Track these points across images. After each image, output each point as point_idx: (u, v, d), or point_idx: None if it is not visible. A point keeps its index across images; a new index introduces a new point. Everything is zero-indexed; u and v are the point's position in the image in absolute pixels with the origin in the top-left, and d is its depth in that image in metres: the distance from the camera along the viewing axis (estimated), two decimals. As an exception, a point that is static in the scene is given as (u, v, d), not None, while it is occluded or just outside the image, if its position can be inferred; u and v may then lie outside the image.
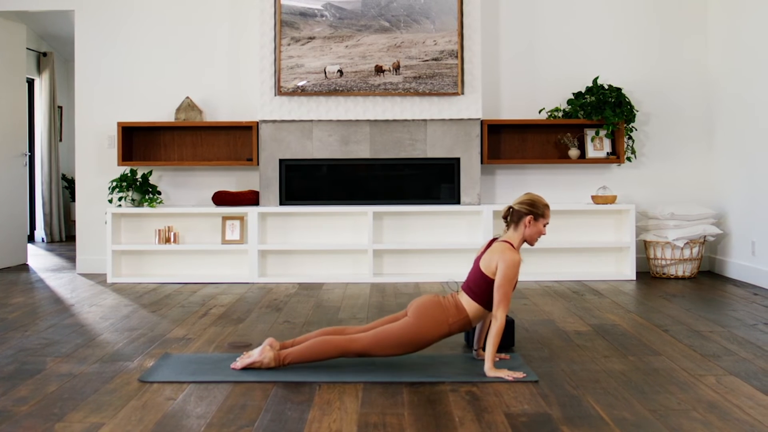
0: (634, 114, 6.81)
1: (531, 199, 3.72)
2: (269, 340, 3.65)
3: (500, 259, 3.60)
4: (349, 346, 3.58)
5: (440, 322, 3.61)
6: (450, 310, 3.64)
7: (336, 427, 2.86)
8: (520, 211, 3.69)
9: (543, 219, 3.71)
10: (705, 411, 3.03)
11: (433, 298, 3.69)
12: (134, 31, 7.16)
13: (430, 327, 3.59)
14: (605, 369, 3.66)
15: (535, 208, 3.69)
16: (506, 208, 3.75)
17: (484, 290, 3.63)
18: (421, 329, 3.58)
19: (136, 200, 6.86)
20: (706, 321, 4.77)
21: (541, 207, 3.71)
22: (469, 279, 3.74)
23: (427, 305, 3.64)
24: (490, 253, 3.67)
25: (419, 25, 6.62)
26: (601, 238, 6.88)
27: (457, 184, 6.75)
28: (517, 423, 2.90)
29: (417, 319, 3.60)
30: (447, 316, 3.62)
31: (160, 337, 4.41)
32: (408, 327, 3.59)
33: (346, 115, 6.69)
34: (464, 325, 3.67)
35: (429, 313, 3.62)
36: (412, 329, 3.58)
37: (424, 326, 3.59)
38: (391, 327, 3.62)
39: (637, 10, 7.12)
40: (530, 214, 3.68)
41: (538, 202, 3.71)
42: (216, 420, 2.94)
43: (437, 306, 3.64)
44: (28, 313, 5.15)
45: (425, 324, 3.59)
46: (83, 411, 3.06)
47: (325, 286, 6.33)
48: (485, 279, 3.63)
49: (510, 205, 3.74)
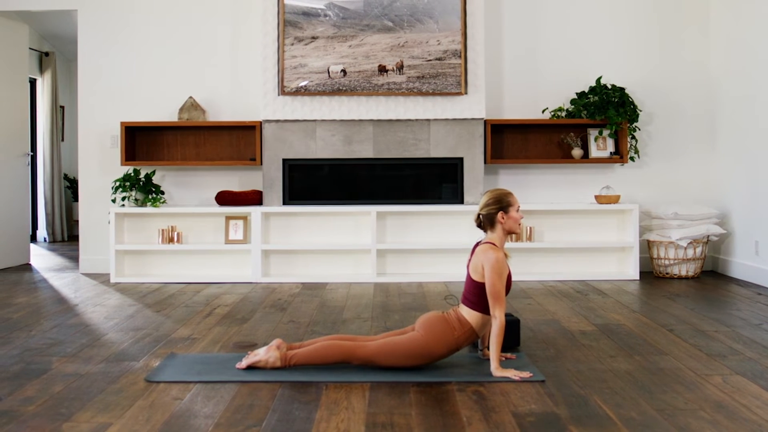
0: (637, 114, 6.81)
1: (492, 196, 3.73)
2: (277, 341, 3.65)
3: (484, 261, 3.62)
4: (356, 352, 3.59)
5: (447, 336, 3.62)
6: (454, 324, 3.65)
7: (344, 426, 2.86)
8: (489, 213, 3.70)
9: (512, 207, 3.71)
10: (712, 410, 3.03)
11: (438, 314, 3.71)
12: (137, 31, 7.15)
13: (437, 341, 3.60)
14: (611, 369, 3.66)
15: (500, 203, 3.70)
16: (475, 216, 3.76)
17: (479, 296, 3.64)
18: (429, 343, 3.60)
19: (139, 200, 6.86)
20: (710, 321, 4.77)
21: (505, 199, 3.71)
22: (465, 290, 3.76)
23: (433, 320, 3.66)
24: (475, 258, 3.69)
25: (423, 25, 6.61)
26: (605, 237, 6.88)
27: (460, 184, 6.74)
28: (525, 423, 2.89)
29: (425, 332, 3.62)
30: (452, 330, 3.64)
31: (164, 336, 4.41)
32: (416, 340, 3.61)
33: (349, 114, 6.69)
34: (470, 336, 3.68)
35: (435, 328, 3.63)
36: (421, 342, 3.60)
37: (432, 340, 3.60)
38: (399, 338, 3.64)
39: (639, 10, 7.12)
40: (499, 211, 3.69)
41: (500, 196, 3.72)
42: (224, 420, 2.94)
43: (442, 321, 3.66)
44: (32, 313, 5.15)
45: (433, 338, 3.60)
46: (90, 411, 3.06)
47: (328, 286, 6.33)
48: (477, 285, 3.65)
49: (477, 213, 3.74)
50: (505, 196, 3.72)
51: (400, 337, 3.65)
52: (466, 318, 3.67)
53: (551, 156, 7.02)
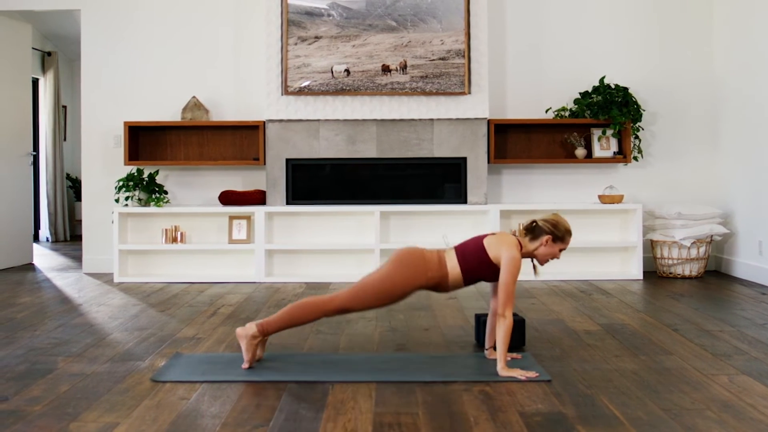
0: (640, 113, 6.81)
1: (556, 220, 3.69)
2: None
3: (506, 253, 3.57)
4: (328, 305, 3.58)
5: (419, 272, 3.58)
6: (431, 263, 3.61)
7: (351, 426, 2.86)
8: (543, 228, 3.66)
9: (561, 243, 3.68)
10: (719, 410, 3.03)
11: (418, 248, 3.67)
12: (140, 31, 7.15)
13: (407, 276, 3.57)
14: (617, 368, 3.65)
15: (556, 230, 3.66)
16: (530, 220, 3.72)
17: (474, 263, 3.61)
18: (396, 278, 3.56)
19: (142, 200, 6.86)
20: (715, 320, 4.77)
21: (562, 231, 3.68)
22: (465, 246, 3.70)
23: (409, 254, 3.63)
24: (499, 239, 3.64)
25: (426, 25, 6.61)
26: (608, 237, 6.88)
27: (463, 184, 6.74)
28: (532, 422, 2.89)
29: (395, 267, 3.59)
30: (427, 269, 3.60)
31: (169, 336, 4.41)
32: (385, 276, 3.58)
33: (352, 114, 6.69)
34: (440, 281, 3.63)
35: (409, 261, 3.60)
36: (389, 278, 3.57)
37: (402, 275, 3.56)
38: (368, 278, 3.62)
39: (642, 10, 7.11)
40: (550, 234, 3.66)
41: (561, 225, 3.68)
42: (231, 420, 2.94)
43: (420, 257, 3.62)
44: (36, 313, 5.15)
45: (403, 272, 3.57)
46: (97, 411, 3.05)
47: (332, 286, 6.32)
48: (482, 255, 3.61)
49: (534, 219, 3.72)
50: (564, 229, 3.68)
51: (368, 276, 3.63)
52: (446, 264, 3.63)
53: (554, 156, 7.02)
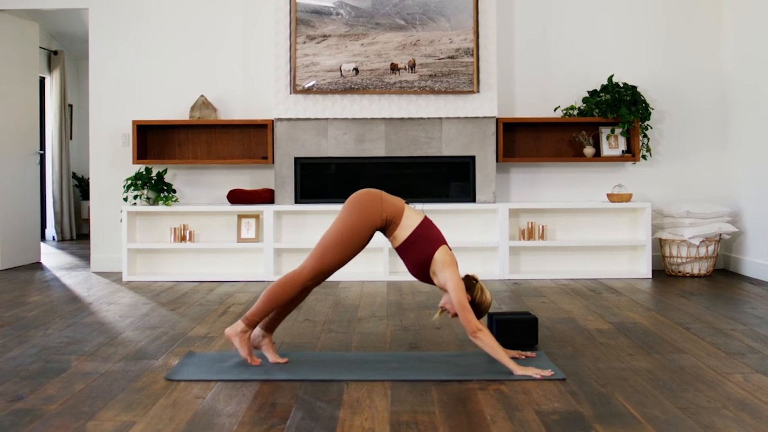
0: (649, 112, 6.80)
1: (484, 301, 3.65)
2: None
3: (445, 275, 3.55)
4: (301, 275, 3.56)
5: (373, 211, 3.53)
6: (388, 205, 3.57)
7: (368, 425, 2.85)
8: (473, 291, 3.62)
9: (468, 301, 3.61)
10: (736, 409, 3.02)
11: (376, 191, 3.62)
12: (148, 30, 7.15)
13: (362, 217, 3.51)
14: (631, 367, 3.65)
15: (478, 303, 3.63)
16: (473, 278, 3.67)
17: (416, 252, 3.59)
18: (351, 222, 3.51)
19: (151, 198, 6.86)
20: (726, 319, 4.76)
21: (480, 308, 3.64)
22: (427, 232, 3.61)
23: (363, 194, 3.58)
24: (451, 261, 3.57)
25: (435, 23, 6.61)
26: (617, 236, 6.87)
27: (472, 183, 6.74)
28: (549, 421, 2.89)
29: (347, 212, 3.55)
30: (382, 210, 3.54)
31: (181, 335, 4.41)
32: (340, 225, 3.53)
33: (361, 113, 6.68)
34: (393, 218, 3.56)
35: (362, 202, 3.55)
36: (344, 225, 3.52)
37: (357, 216, 3.51)
38: (326, 235, 3.57)
39: (651, 8, 7.10)
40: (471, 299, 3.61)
41: (483, 306, 3.65)
42: (247, 418, 2.93)
43: (376, 197, 3.57)
44: (47, 312, 5.15)
45: (357, 214, 3.52)
46: (113, 409, 3.05)
47: (341, 285, 6.32)
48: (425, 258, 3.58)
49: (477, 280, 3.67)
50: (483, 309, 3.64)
51: (327, 232, 3.58)
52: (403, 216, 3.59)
53: (563, 154, 7.01)
